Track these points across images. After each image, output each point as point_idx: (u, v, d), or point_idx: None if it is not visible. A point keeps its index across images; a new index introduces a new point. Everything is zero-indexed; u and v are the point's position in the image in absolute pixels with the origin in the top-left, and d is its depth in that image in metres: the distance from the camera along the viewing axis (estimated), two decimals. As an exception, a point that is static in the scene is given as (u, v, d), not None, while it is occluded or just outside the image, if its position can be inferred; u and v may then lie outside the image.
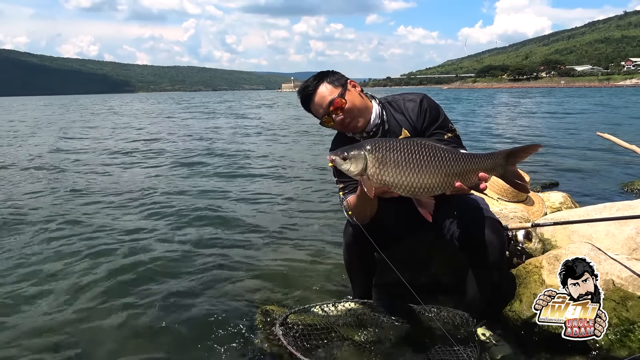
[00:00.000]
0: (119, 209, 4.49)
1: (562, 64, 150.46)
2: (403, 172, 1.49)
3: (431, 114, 1.85)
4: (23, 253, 3.22)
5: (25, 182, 6.01)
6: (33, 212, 4.34)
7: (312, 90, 1.81)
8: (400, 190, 1.52)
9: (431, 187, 1.51)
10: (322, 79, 1.82)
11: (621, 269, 1.92)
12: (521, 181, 1.59)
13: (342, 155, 1.54)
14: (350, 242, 1.97)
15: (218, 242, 3.42)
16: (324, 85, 1.80)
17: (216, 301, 2.45)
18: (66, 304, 2.46)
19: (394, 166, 1.50)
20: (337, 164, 1.56)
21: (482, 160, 1.54)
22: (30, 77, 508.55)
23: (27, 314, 2.35)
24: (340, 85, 1.80)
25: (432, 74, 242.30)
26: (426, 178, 1.49)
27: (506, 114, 19.56)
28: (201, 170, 6.81)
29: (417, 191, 1.52)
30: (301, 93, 1.85)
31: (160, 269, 2.89)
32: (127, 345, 2.04)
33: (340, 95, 1.78)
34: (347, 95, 1.79)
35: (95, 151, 9.27)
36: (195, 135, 12.34)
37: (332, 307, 2.04)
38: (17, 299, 2.51)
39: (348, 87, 1.82)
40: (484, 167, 1.53)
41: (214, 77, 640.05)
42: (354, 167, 1.53)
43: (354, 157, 1.52)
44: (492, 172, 1.56)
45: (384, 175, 1.51)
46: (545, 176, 5.55)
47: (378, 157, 1.50)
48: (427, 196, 1.54)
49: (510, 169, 1.57)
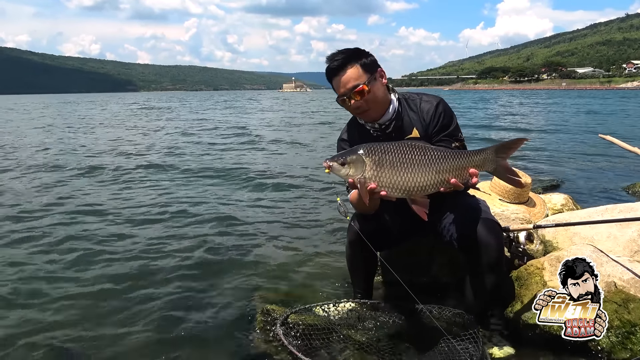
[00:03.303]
0: (119, 211, 4.49)
1: (564, 66, 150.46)
2: (398, 173, 1.55)
3: (444, 120, 1.87)
4: (26, 256, 3.22)
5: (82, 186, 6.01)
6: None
7: (340, 64, 1.78)
8: (396, 191, 1.58)
9: (425, 186, 1.57)
10: (355, 58, 1.79)
11: (623, 271, 1.91)
12: (513, 176, 1.64)
13: (339, 160, 1.59)
14: (354, 240, 1.97)
15: (218, 242, 3.41)
16: (355, 68, 1.78)
17: (216, 301, 2.45)
18: (66, 304, 2.46)
19: (390, 167, 1.56)
20: (335, 169, 1.60)
21: (471, 156, 1.59)
22: (31, 75, 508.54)
23: (27, 316, 2.35)
24: (370, 73, 1.80)
25: (433, 75, 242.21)
26: (420, 176, 1.55)
27: (507, 116, 19.54)
28: (201, 171, 6.82)
29: (413, 190, 1.58)
30: (329, 62, 1.82)
31: (161, 269, 2.89)
32: (126, 346, 2.03)
33: (368, 83, 1.77)
34: (373, 86, 1.79)
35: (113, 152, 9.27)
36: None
37: (333, 307, 2.04)
38: (11, 304, 2.50)
39: (376, 77, 1.81)
40: (473, 163, 1.58)
41: (215, 77, 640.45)
42: (353, 171, 1.58)
43: (353, 162, 1.57)
44: (482, 168, 1.60)
45: (381, 177, 1.56)
46: (546, 178, 5.55)
47: (375, 160, 1.56)
48: (422, 195, 1.59)
49: (501, 164, 1.61)
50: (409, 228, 2.02)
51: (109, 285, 2.67)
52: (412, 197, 1.59)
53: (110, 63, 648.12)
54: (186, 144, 10.33)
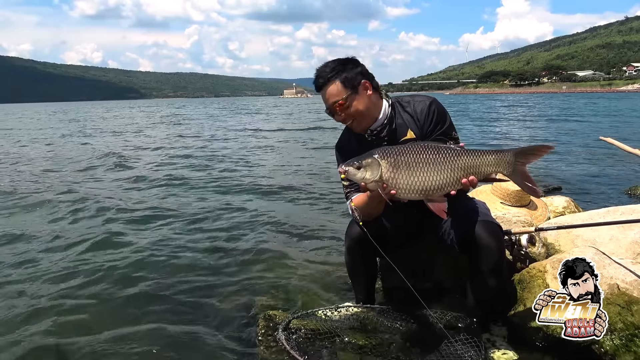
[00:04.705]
0: (120, 212, 4.50)
1: (564, 69, 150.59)
2: (415, 173, 1.54)
3: (438, 118, 1.87)
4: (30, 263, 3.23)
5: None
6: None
7: (322, 82, 1.83)
8: (413, 192, 1.57)
9: (442, 185, 1.56)
10: (337, 74, 1.81)
11: (626, 273, 1.90)
12: (530, 184, 1.60)
13: (355, 165, 1.58)
14: (352, 246, 1.96)
15: (220, 246, 3.42)
16: (335, 84, 1.81)
17: (219, 306, 2.45)
18: (67, 306, 2.46)
19: (406, 168, 1.55)
20: (351, 174, 1.59)
21: (487, 155, 1.57)
22: (33, 84, 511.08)
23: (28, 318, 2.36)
24: (352, 87, 1.81)
25: (434, 79, 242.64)
26: (437, 175, 1.54)
27: (507, 118, 19.54)
28: (199, 172, 6.83)
29: (430, 190, 1.56)
30: (315, 79, 1.87)
31: (162, 274, 2.89)
32: (127, 350, 2.03)
33: (346, 99, 1.80)
34: (355, 100, 1.81)
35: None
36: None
37: (334, 312, 2.03)
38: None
39: (359, 91, 1.82)
40: (487, 162, 1.57)
41: (216, 84, 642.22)
42: (370, 175, 1.57)
43: (369, 165, 1.57)
44: (497, 168, 1.58)
45: (399, 179, 1.56)
46: (548, 180, 5.54)
47: (391, 162, 1.56)
48: (440, 194, 1.58)
49: (519, 169, 1.58)
50: (410, 232, 2.02)
51: (111, 289, 2.67)
52: (430, 197, 1.58)
53: (111, 71, 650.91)
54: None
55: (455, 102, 47.94)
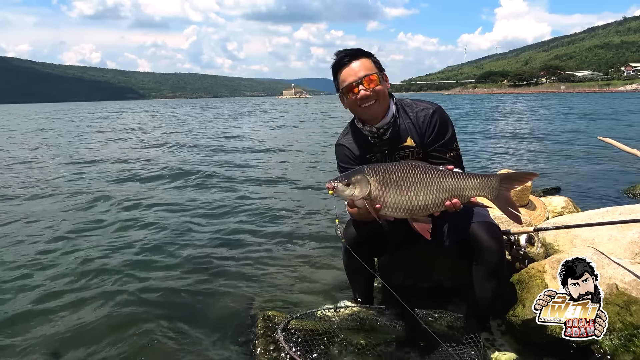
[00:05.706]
0: (116, 212, 4.49)
1: (562, 69, 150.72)
2: (402, 192, 1.56)
3: (439, 129, 1.85)
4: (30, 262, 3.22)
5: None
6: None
7: (353, 56, 1.81)
8: (399, 210, 1.58)
9: (427, 205, 1.57)
10: (366, 55, 1.83)
11: (624, 273, 1.91)
12: (513, 209, 1.61)
13: (344, 181, 1.58)
14: (350, 246, 1.96)
15: (219, 248, 3.42)
16: (368, 61, 1.81)
17: (218, 307, 2.45)
18: (67, 304, 2.46)
19: (394, 187, 1.56)
20: (339, 190, 1.59)
21: (472, 179, 1.59)
22: (31, 84, 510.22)
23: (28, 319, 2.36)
24: (379, 69, 1.83)
25: (433, 80, 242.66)
26: (422, 195, 1.56)
27: (506, 118, 19.56)
28: (199, 175, 6.82)
29: (415, 209, 1.58)
30: (339, 54, 1.84)
31: (159, 274, 2.89)
32: (127, 349, 2.03)
33: (378, 74, 1.80)
34: (381, 81, 1.81)
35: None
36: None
37: (333, 312, 2.03)
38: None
39: (384, 76, 1.85)
40: (472, 185, 1.58)
41: (214, 84, 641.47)
42: (359, 192, 1.57)
43: (358, 182, 1.57)
44: (481, 192, 1.60)
45: (386, 196, 1.56)
46: (547, 181, 5.54)
47: (380, 180, 1.56)
48: (424, 214, 1.59)
49: (503, 194, 1.60)
50: (409, 232, 2.01)
51: (108, 289, 2.67)
52: (414, 216, 1.59)
53: (110, 71, 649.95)
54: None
55: (455, 101, 47.96)
